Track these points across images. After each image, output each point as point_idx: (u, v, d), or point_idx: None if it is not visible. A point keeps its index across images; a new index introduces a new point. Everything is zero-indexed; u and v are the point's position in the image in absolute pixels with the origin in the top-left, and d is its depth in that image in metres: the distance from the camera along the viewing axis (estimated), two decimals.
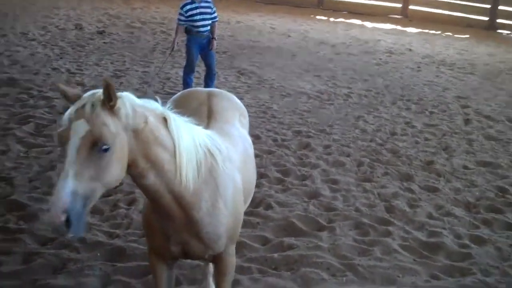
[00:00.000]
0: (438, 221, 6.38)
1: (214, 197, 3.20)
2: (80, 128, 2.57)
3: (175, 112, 3.11)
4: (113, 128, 2.64)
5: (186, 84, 10.56)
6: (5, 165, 6.85)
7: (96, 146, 2.57)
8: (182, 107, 3.53)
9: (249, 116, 9.38)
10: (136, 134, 2.76)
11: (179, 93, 4.53)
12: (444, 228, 6.19)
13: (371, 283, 4.96)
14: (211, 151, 3.20)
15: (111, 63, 13.39)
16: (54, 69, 12.30)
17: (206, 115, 3.88)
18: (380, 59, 16.80)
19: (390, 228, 6.06)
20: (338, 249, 5.51)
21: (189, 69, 10.68)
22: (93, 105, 2.62)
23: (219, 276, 3.60)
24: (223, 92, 4.75)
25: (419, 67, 15.84)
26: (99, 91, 2.67)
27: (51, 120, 8.72)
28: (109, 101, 2.64)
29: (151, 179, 2.86)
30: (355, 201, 6.69)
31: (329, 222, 6.10)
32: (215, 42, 10.70)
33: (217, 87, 10.02)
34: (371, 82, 13.54)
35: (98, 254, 5.04)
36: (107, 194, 6.15)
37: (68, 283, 4.53)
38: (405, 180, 7.52)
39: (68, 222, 2.45)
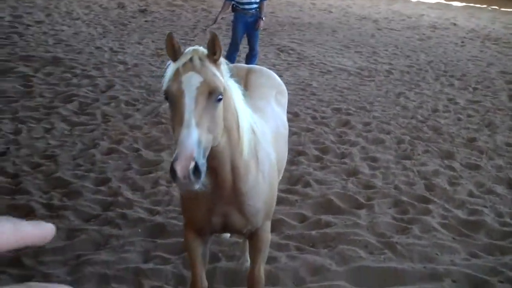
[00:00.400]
0: (479, 199, 6.30)
1: (257, 171, 3.24)
2: (194, 80, 2.61)
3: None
4: (221, 79, 2.73)
5: (230, 61, 10.50)
6: (49, 143, 7.03)
7: (212, 97, 2.63)
8: None
9: (288, 93, 9.44)
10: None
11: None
12: (485, 206, 6.10)
13: (409, 261, 4.93)
14: (253, 128, 3.24)
15: (153, 41, 13.51)
16: (97, 48, 12.49)
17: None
18: (423, 34, 16.50)
19: (430, 206, 6.00)
20: (376, 227, 5.49)
21: (233, 48, 10.55)
22: (200, 58, 2.68)
23: (254, 252, 3.64)
24: (263, 69, 4.76)
25: (463, 42, 15.49)
26: (200, 47, 2.74)
27: (94, 98, 8.90)
28: (213, 54, 2.71)
29: (222, 143, 2.86)
30: (395, 178, 6.64)
31: (367, 200, 6.08)
32: (262, 22, 10.35)
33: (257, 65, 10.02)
34: (413, 57, 13.33)
35: (139, 230, 5.15)
36: (148, 171, 6.30)
37: (110, 258, 4.65)
38: (446, 158, 7.42)
39: (196, 171, 2.46)
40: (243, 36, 10.49)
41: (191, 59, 2.67)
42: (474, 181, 6.76)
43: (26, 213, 5.31)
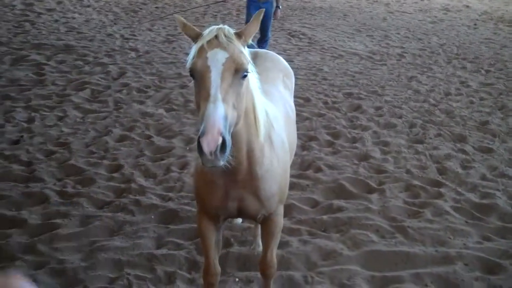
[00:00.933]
0: (491, 182, 6.27)
1: (272, 155, 3.24)
2: (220, 56, 2.62)
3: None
4: (248, 56, 2.75)
5: None
6: (63, 130, 7.09)
7: (238, 73, 2.65)
8: None
9: (299, 78, 9.47)
10: None
11: None
12: (498, 190, 6.08)
13: (420, 245, 4.94)
14: (266, 111, 3.24)
15: (163, 28, 13.52)
16: (109, 35, 12.53)
17: None
18: (436, 16, 16.37)
19: (442, 190, 5.98)
20: (387, 211, 5.50)
21: None
22: (226, 35, 2.69)
23: (267, 237, 3.64)
24: (269, 52, 4.75)
25: (475, 24, 15.35)
26: (224, 26, 2.75)
27: (106, 86, 8.94)
28: (242, 34, 2.76)
29: (240, 124, 2.83)
30: (406, 163, 6.63)
31: (379, 185, 6.08)
32: (279, 12, 10.04)
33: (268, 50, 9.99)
34: (425, 41, 13.23)
35: (152, 216, 5.20)
36: (160, 157, 6.34)
37: (124, 244, 4.70)
38: (459, 141, 7.39)
39: (223, 146, 2.46)
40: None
41: (216, 37, 2.68)
42: (487, 165, 6.73)
43: (41, 201, 5.38)
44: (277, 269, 4.44)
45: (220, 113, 2.48)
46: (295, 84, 9.10)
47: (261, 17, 2.82)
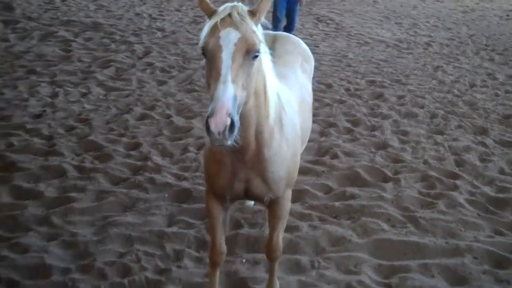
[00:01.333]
0: (509, 176, 6.19)
1: (281, 138, 3.25)
2: (232, 36, 2.63)
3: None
4: (260, 36, 2.75)
5: None
6: (85, 107, 7.20)
7: (249, 53, 2.66)
8: None
9: (323, 64, 9.44)
10: None
11: None
12: None
13: (431, 236, 4.92)
14: (278, 94, 3.25)
15: (192, 9, 13.57)
16: (137, 14, 12.64)
17: None
18: (467, 6, 16.10)
19: (458, 182, 5.93)
20: (401, 201, 5.48)
21: (274, 22, 10.10)
22: (240, 14, 2.69)
23: (274, 220, 3.66)
24: (290, 36, 4.75)
25: (508, 15, 15.04)
26: (239, 3, 2.76)
27: (131, 64, 9.04)
28: (255, 13, 2.75)
29: (249, 105, 2.85)
30: (424, 153, 6.58)
31: (395, 174, 6.06)
32: None
33: (294, 35, 9.93)
34: (454, 30, 13.05)
35: (166, 195, 5.27)
36: (178, 137, 6.41)
37: (136, 220, 4.78)
38: (479, 134, 7.30)
39: (231, 126, 2.50)
40: (284, 10, 10.07)
41: (229, 15, 2.68)
42: (507, 159, 6.64)
43: (59, 175, 5.49)
44: (285, 253, 4.50)
45: (229, 94, 2.51)
46: (319, 70, 9.16)
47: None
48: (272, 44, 4.22)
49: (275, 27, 10.08)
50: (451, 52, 11.25)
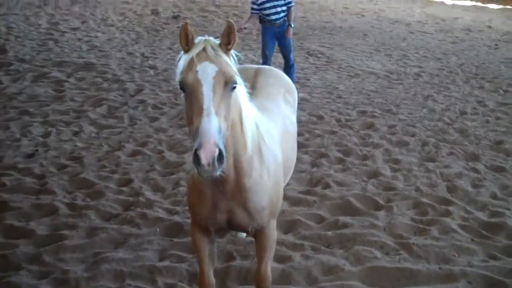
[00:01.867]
0: (502, 201, 6.20)
1: (261, 167, 3.29)
2: (210, 69, 2.71)
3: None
4: (234, 68, 2.82)
5: None
6: (77, 145, 7.23)
7: (227, 85, 2.74)
8: None
9: (314, 96, 9.52)
10: None
11: None
12: (508, 209, 6.00)
13: (424, 262, 4.90)
14: (257, 124, 3.29)
15: None
16: (129, 53, 12.77)
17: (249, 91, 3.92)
18: (457, 37, 16.33)
19: (450, 208, 5.93)
20: (393, 228, 5.47)
21: (263, 59, 9.95)
22: (213, 48, 2.77)
23: (260, 250, 3.67)
24: (273, 69, 4.82)
25: (496, 44, 15.27)
26: (210, 37, 2.84)
27: (123, 102, 9.10)
28: (227, 44, 2.82)
29: (227, 135, 2.87)
30: (416, 180, 6.59)
31: (387, 202, 6.06)
32: (291, 30, 9.69)
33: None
34: (444, 60, 13.21)
35: (157, 229, 5.25)
36: (170, 172, 6.42)
37: (127, 256, 4.75)
38: (471, 160, 7.32)
39: (220, 156, 2.56)
40: (273, 48, 9.91)
41: (204, 49, 2.76)
42: (499, 184, 6.65)
43: (50, 213, 5.49)
44: (278, 283, 4.48)
45: (214, 126, 2.57)
46: (310, 102, 9.25)
47: (234, 30, 2.84)
48: (255, 78, 4.29)
49: (264, 64, 10.01)
50: (441, 81, 11.37)
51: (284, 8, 9.52)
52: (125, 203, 5.76)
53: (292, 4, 9.67)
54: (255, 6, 9.53)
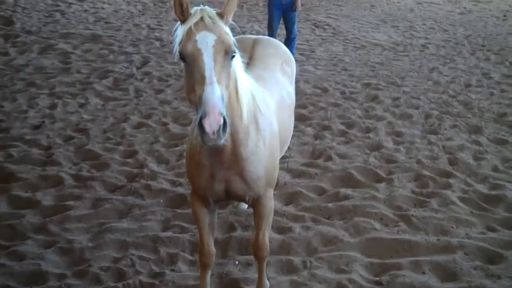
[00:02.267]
0: (503, 174, 6.23)
1: (257, 137, 3.34)
2: (209, 39, 2.71)
3: None
4: (232, 37, 2.84)
5: None
6: (83, 117, 7.32)
7: (227, 54, 2.77)
8: None
9: (319, 69, 9.51)
10: None
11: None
12: (509, 181, 6.02)
13: (423, 234, 4.98)
14: (253, 94, 3.33)
15: None
16: (135, 25, 12.76)
17: (246, 62, 3.90)
18: (465, 7, 16.17)
19: (451, 181, 5.98)
20: (393, 200, 5.54)
21: (269, 31, 9.82)
22: (211, 17, 2.78)
23: (258, 219, 3.72)
24: (271, 39, 4.84)
25: (505, 15, 15.11)
26: (207, 7, 2.83)
27: (129, 74, 9.14)
28: (223, 14, 2.84)
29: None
30: (418, 153, 6.63)
31: (388, 174, 6.11)
32: (299, 2, 9.44)
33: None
34: (451, 32, 13.11)
35: (161, 200, 5.36)
36: (174, 144, 6.50)
37: (131, 226, 4.87)
38: (474, 133, 7.34)
39: (224, 125, 2.61)
40: (279, 20, 9.73)
41: (201, 18, 2.76)
42: (500, 156, 6.68)
43: (56, 184, 5.60)
44: (277, 254, 4.58)
45: (218, 94, 2.60)
46: (314, 74, 9.23)
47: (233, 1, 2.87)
48: (253, 48, 4.32)
49: (270, 36, 9.93)
50: (447, 53, 11.31)
51: None
52: (130, 174, 5.86)
53: None
54: None
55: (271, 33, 9.74)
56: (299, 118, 7.15)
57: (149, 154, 6.30)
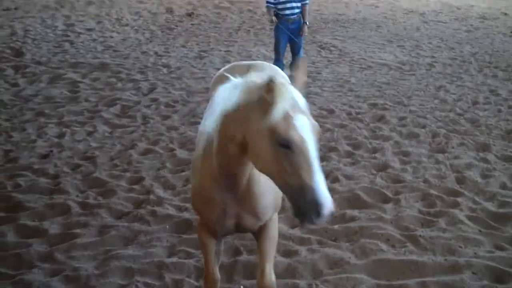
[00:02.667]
0: (511, 191, 6.19)
1: None
2: (310, 125, 2.68)
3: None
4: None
5: None
6: (90, 145, 7.38)
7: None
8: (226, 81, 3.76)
9: (325, 90, 9.54)
10: None
11: (226, 66, 4.73)
12: None
13: (430, 254, 4.94)
14: None
15: (197, 44, 13.82)
16: (143, 52, 12.89)
17: None
18: (471, 25, 16.20)
19: (459, 199, 5.95)
20: (400, 221, 5.51)
21: (276, 55, 9.97)
22: (300, 97, 2.78)
23: (264, 241, 3.64)
24: (265, 64, 4.85)
25: None
26: (287, 83, 2.81)
27: (136, 101, 9.23)
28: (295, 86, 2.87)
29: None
30: (425, 172, 6.61)
31: (395, 194, 6.09)
32: (306, 28, 9.67)
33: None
34: (457, 50, 13.13)
35: (167, 226, 5.37)
36: (181, 169, 6.53)
37: (137, 253, 4.88)
38: (482, 150, 7.31)
39: None
40: (286, 44, 9.82)
41: (296, 101, 2.71)
42: (509, 174, 6.65)
43: (63, 212, 5.63)
44: (283, 277, 4.55)
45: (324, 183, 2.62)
46: (321, 96, 9.24)
47: (305, 65, 2.93)
48: (248, 73, 4.31)
49: (277, 60, 10.05)
50: (454, 71, 11.32)
51: (299, 4, 9.48)
52: (136, 201, 5.89)
53: (307, 2, 9.61)
54: (271, 0, 9.47)
55: (278, 57, 9.86)
56: None
57: (155, 180, 6.33)
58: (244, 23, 16.63)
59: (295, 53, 9.94)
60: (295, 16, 9.56)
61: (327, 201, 2.57)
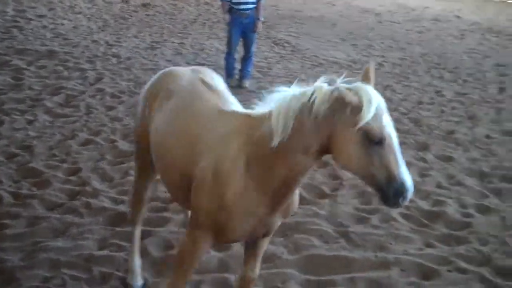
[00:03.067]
0: (445, 190, 6.33)
1: None
2: (389, 119, 2.92)
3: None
4: None
5: (226, 66, 10.09)
6: (29, 134, 7.20)
7: None
8: (171, 88, 3.77)
9: (276, 86, 9.50)
10: None
11: (156, 76, 4.16)
12: (450, 198, 6.13)
13: (361, 250, 5.01)
14: None
15: (150, 35, 13.68)
16: (94, 41, 12.68)
17: (217, 99, 3.65)
18: (424, 26, 16.48)
19: None
20: (335, 217, 5.57)
21: (227, 50, 10.06)
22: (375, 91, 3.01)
23: (262, 247, 3.76)
24: (207, 70, 4.62)
25: (462, 34, 15.44)
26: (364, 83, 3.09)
27: (81, 91, 9.07)
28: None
29: None
30: None
31: (333, 191, 6.16)
32: (260, 24, 9.78)
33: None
34: (408, 50, 13.34)
35: (100, 219, 5.29)
36: (120, 161, 6.44)
37: (66, 245, 4.78)
38: (421, 150, 7.45)
39: None
40: (239, 39, 9.90)
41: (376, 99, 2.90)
42: (445, 173, 6.79)
43: None
44: (214, 272, 4.55)
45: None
46: (271, 91, 9.22)
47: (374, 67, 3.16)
48: (201, 81, 4.18)
49: (228, 54, 10.14)
50: (402, 71, 11.49)
51: (254, 0, 9.56)
52: (71, 192, 5.78)
53: None
54: None
55: (230, 51, 9.97)
56: None
57: (93, 172, 6.23)
58: (200, 15, 16.55)
59: (247, 48, 10.01)
60: (249, 11, 9.61)
61: (412, 187, 2.79)
